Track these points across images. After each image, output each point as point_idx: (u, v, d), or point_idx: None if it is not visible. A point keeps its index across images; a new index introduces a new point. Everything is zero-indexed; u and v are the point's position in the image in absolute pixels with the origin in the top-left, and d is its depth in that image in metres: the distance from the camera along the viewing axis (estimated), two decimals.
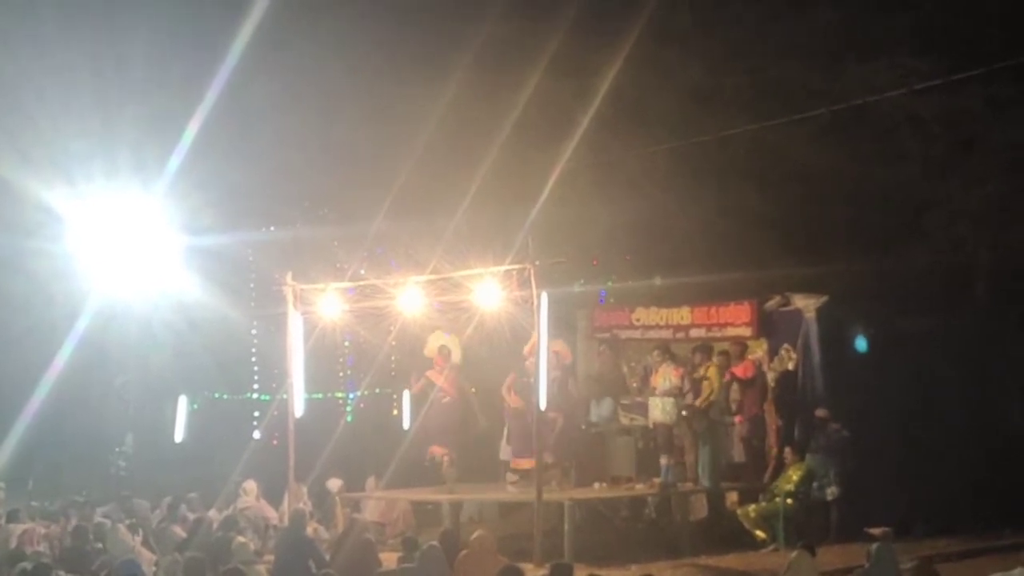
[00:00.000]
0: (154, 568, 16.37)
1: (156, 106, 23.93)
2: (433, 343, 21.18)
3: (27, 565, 15.53)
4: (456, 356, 21.08)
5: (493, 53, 23.49)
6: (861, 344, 20.82)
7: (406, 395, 22.63)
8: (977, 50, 21.30)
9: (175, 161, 23.15)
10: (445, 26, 24.10)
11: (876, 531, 14.58)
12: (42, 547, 17.98)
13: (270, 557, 17.36)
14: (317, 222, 26.62)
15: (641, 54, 22.97)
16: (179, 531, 18.41)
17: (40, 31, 23.65)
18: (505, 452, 21.10)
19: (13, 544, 17.84)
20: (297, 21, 24.02)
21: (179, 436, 24.41)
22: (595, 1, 23.49)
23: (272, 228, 26.31)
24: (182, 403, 24.43)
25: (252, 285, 26.94)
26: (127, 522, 18.82)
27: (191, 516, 19.29)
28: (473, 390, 21.66)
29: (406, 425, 22.50)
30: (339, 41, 23.89)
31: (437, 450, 20.86)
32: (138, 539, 17.92)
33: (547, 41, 23.10)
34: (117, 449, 25.39)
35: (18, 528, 18.65)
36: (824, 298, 20.72)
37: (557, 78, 23.61)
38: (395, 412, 25.27)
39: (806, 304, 20.83)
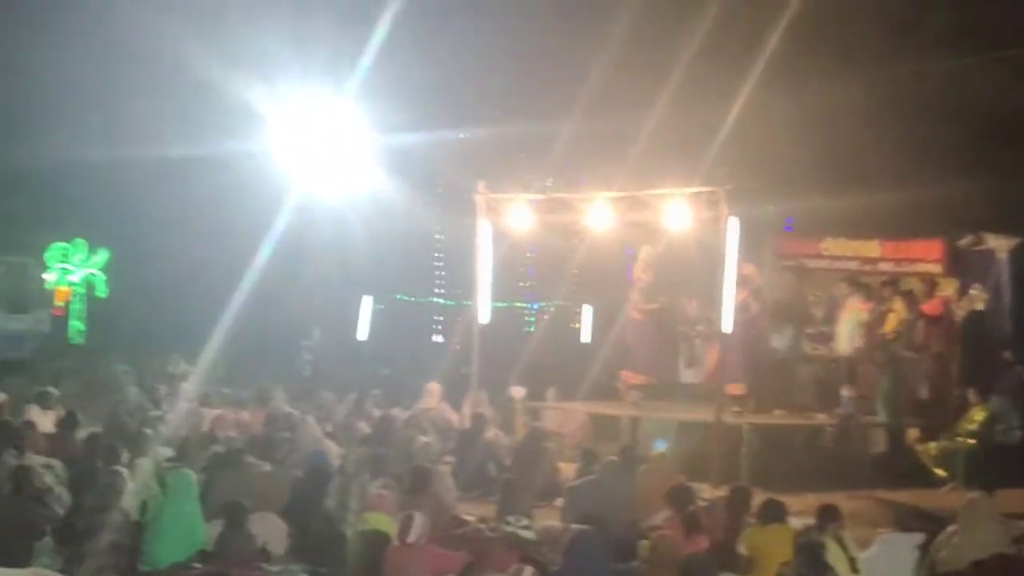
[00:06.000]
0: (340, 460, 16.48)
1: (349, 6, 24.20)
2: (645, 257, 20.87)
3: (220, 448, 15.93)
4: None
5: None
6: None
7: (587, 309, 22.64)
8: None
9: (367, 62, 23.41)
10: None
11: None
12: (233, 433, 18.01)
13: (450, 459, 17.62)
14: (506, 128, 26.56)
15: None
16: (364, 427, 18.49)
17: None
18: (686, 375, 21.15)
19: (206, 428, 18.17)
20: None
21: (362, 334, 24.59)
22: None
23: (462, 135, 26.41)
24: (367, 302, 24.66)
25: (439, 191, 27.16)
26: (313, 414, 19.09)
27: (376, 413, 19.52)
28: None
29: (585, 339, 22.56)
30: None
31: (631, 377, 20.89)
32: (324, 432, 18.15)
33: None
34: (304, 343, 25.73)
35: (211, 412, 19.05)
36: (1018, 240, 20.39)
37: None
38: (575, 326, 25.28)
39: (999, 244, 20.53)
